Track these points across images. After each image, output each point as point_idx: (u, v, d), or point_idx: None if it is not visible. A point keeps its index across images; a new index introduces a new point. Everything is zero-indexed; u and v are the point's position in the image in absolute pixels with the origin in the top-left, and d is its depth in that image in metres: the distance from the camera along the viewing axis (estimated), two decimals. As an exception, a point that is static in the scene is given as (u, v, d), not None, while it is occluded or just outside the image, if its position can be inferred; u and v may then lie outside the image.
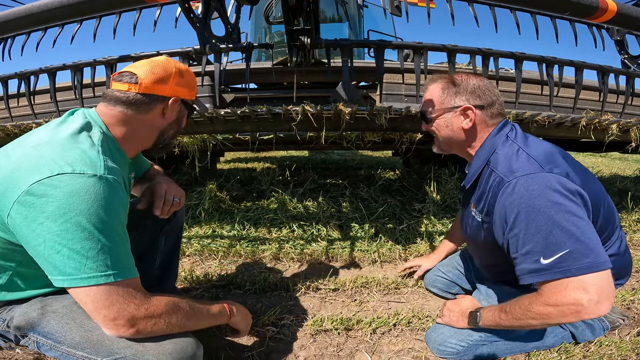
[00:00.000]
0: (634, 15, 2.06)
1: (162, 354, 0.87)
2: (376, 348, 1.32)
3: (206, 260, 2.08)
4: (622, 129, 2.08)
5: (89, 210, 0.79)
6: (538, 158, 1.04)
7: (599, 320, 1.30)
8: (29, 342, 0.95)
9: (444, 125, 1.21)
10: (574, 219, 0.94)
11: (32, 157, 0.84)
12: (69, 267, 0.78)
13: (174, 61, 1.08)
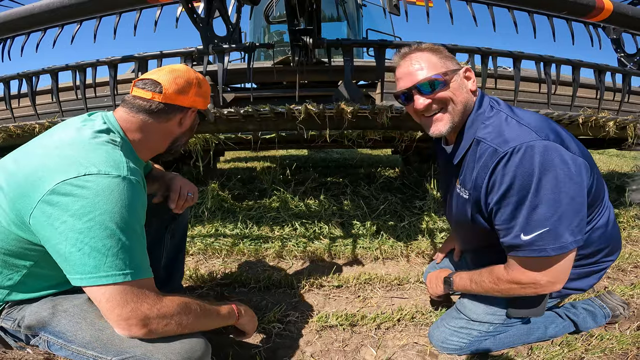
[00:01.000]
0: (630, 14, 2.09)
1: (171, 353, 0.88)
2: (381, 343, 1.35)
3: (210, 258, 2.10)
4: (619, 126, 2.11)
5: (113, 209, 0.81)
6: (530, 125, 0.99)
7: (600, 308, 1.33)
8: (39, 341, 0.96)
9: (459, 88, 1.09)
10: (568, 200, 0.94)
11: (55, 158, 0.86)
12: (88, 266, 0.80)
13: (194, 71, 1.11)
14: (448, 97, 1.09)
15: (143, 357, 0.88)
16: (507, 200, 0.99)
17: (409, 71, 1.11)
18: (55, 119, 2.11)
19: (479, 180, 1.05)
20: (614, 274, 1.94)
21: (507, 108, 1.09)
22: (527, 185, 0.94)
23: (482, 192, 1.04)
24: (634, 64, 2.72)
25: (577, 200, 0.96)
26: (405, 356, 1.28)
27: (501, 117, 1.05)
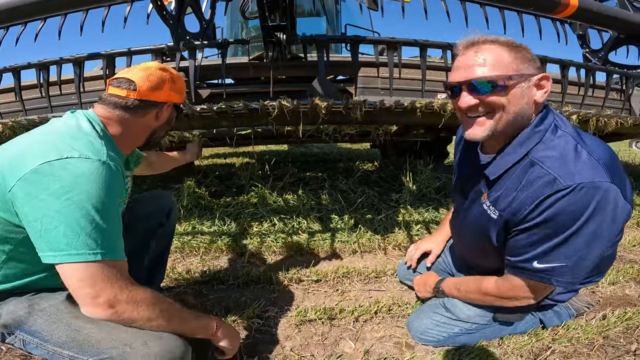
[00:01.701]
0: (595, 10, 2.19)
1: (149, 355, 0.86)
2: (359, 335, 1.38)
3: (187, 257, 2.08)
4: (582, 119, 2.21)
5: (90, 191, 0.83)
6: (601, 161, 0.89)
7: (565, 308, 1.39)
8: (15, 339, 0.96)
9: (519, 96, 0.94)
10: (601, 245, 0.92)
11: (40, 143, 0.89)
12: (61, 243, 0.80)
13: (168, 67, 1.13)
14: (501, 103, 0.95)
15: (120, 357, 0.86)
16: (537, 230, 0.94)
17: (468, 63, 0.97)
18: (18, 118, 2.02)
19: (521, 206, 0.96)
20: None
21: (575, 132, 0.97)
22: (571, 224, 0.89)
23: (519, 217, 0.97)
24: (599, 59, 2.85)
25: (606, 247, 0.94)
26: (383, 348, 1.32)
27: (569, 142, 0.93)
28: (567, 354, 1.25)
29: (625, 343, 1.31)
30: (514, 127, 0.99)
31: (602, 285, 1.73)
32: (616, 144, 7.66)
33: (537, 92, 0.97)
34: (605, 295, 1.68)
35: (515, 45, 0.96)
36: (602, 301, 1.62)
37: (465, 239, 1.31)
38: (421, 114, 1.95)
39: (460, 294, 1.28)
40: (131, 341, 0.88)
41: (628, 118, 2.47)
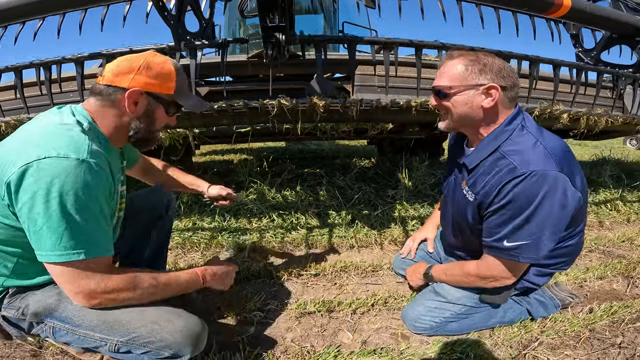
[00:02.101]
0: (588, 10, 2.24)
1: (175, 331, 0.97)
2: (357, 327, 1.44)
3: (189, 252, 2.12)
4: (572, 118, 2.27)
5: (69, 191, 0.85)
6: (554, 154, 1.08)
7: (550, 299, 1.48)
8: (44, 328, 1.01)
9: (462, 102, 1.17)
10: (553, 225, 1.10)
11: (22, 144, 0.90)
12: (46, 244, 0.85)
13: (149, 55, 1.06)
14: (446, 107, 1.21)
15: (149, 335, 0.95)
16: (504, 211, 1.12)
17: (437, 72, 1.23)
18: (20, 116, 2.04)
19: (490, 189, 1.14)
20: (569, 257, 2.11)
21: (537, 131, 1.17)
22: (527, 204, 1.07)
23: (489, 199, 1.15)
24: (591, 58, 2.91)
25: (559, 227, 1.12)
26: (380, 338, 1.38)
27: (531, 140, 1.13)
28: (554, 345, 1.31)
29: (610, 336, 1.37)
30: (468, 125, 1.23)
31: (590, 279, 1.80)
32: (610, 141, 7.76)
33: (485, 99, 1.15)
34: (593, 289, 1.74)
35: (470, 58, 1.16)
36: (589, 295, 1.69)
37: (450, 221, 1.46)
38: (416, 112, 2.00)
39: (448, 278, 1.40)
40: (157, 319, 0.97)
41: (618, 117, 2.53)
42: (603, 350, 1.29)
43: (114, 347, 0.99)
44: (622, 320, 1.45)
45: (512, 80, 1.16)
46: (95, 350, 1.06)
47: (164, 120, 1.15)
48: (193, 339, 1.01)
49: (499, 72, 1.13)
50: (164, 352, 0.98)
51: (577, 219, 1.23)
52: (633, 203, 3.12)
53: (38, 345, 1.24)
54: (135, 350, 0.99)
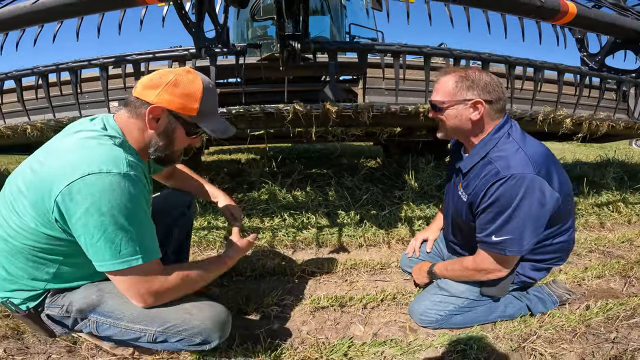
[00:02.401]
0: (593, 17, 2.31)
1: (205, 318, 1.09)
2: (367, 320, 1.54)
3: (205, 250, 2.23)
4: (575, 122, 2.34)
5: (118, 204, 0.92)
6: (533, 160, 1.22)
7: (548, 295, 1.58)
8: (88, 323, 1.11)
9: (453, 115, 1.32)
10: (533, 221, 1.23)
11: (63, 162, 0.95)
12: (106, 255, 0.94)
13: (181, 72, 1.07)
14: (440, 119, 1.37)
15: (183, 324, 1.07)
16: (490, 209, 1.26)
17: (434, 87, 1.38)
18: (46, 120, 2.14)
19: (479, 190, 1.29)
20: (569, 258, 2.18)
21: (520, 138, 1.30)
22: (509, 203, 1.21)
23: (478, 199, 1.30)
24: (595, 63, 2.97)
25: (539, 224, 1.25)
26: (389, 331, 1.48)
27: (514, 147, 1.26)
28: (552, 339, 1.41)
29: (605, 332, 1.46)
30: (461, 134, 1.39)
31: (588, 278, 1.89)
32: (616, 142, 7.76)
33: (472, 112, 1.29)
34: (591, 287, 1.83)
35: (461, 75, 1.30)
36: (587, 293, 1.78)
37: (450, 221, 1.62)
38: (424, 117, 2.08)
39: (449, 273, 1.52)
40: (189, 309, 1.09)
41: (620, 121, 2.60)
42: (597, 345, 1.38)
43: (152, 337, 1.09)
44: (617, 316, 1.54)
45: (497, 95, 1.28)
46: (133, 344, 1.17)
47: (184, 141, 1.15)
48: (220, 325, 1.13)
49: (485, 87, 1.27)
50: (195, 339, 1.10)
51: (562, 217, 1.35)
52: (635, 205, 3.18)
53: (72, 341, 1.33)
54: (170, 339, 1.10)
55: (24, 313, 1.10)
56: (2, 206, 1.03)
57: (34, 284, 1.06)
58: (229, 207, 1.62)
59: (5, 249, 1.02)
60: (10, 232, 0.99)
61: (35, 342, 1.35)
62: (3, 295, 1.09)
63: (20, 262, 1.03)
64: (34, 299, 1.09)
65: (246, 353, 1.29)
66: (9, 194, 1.01)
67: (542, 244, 1.39)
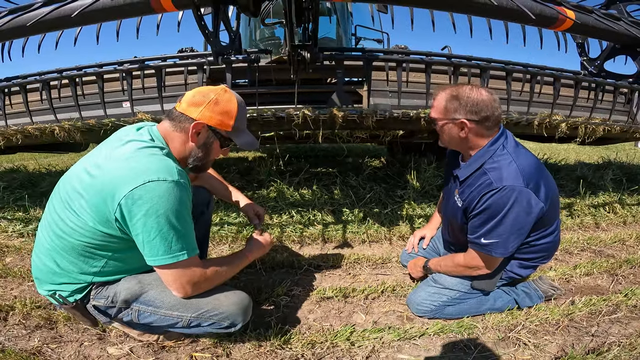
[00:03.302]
0: (591, 24, 2.40)
1: (231, 304, 1.24)
2: (369, 310, 1.69)
3: (218, 245, 2.39)
4: (571, 127, 2.46)
5: (172, 207, 1.07)
6: (524, 172, 1.34)
7: (534, 291, 1.71)
8: (130, 312, 1.25)
9: (446, 131, 1.46)
10: (518, 228, 1.37)
11: (124, 169, 1.09)
12: (160, 250, 1.09)
13: (220, 91, 1.21)
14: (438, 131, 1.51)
15: (214, 309, 1.22)
16: (482, 215, 1.40)
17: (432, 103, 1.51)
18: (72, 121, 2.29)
19: (473, 198, 1.42)
20: (561, 256, 2.31)
21: (514, 150, 1.41)
22: (498, 211, 1.35)
23: (471, 206, 1.43)
24: (595, 67, 3.07)
25: (524, 230, 1.39)
26: (388, 319, 1.62)
27: (507, 159, 1.38)
28: (536, 331, 1.53)
29: (587, 325, 1.57)
30: (456, 146, 1.51)
31: (577, 275, 2.01)
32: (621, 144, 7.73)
33: (459, 131, 1.42)
34: (579, 284, 1.96)
35: (453, 96, 1.40)
36: (574, 289, 1.90)
37: (446, 222, 1.76)
38: (425, 122, 2.21)
39: (442, 269, 1.66)
40: (218, 296, 1.24)
41: (615, 125, 2.70)
42: (578, 337, 1.50)
43: (187, 322, 1.24)
44: (600, 311, 1.66)
45: (485, 114, 1.37)
46: (166, 330, 1.31)
47: (218, 152, 1.32)
48: (244, 310, 1.28)
49: (473, 108, 1.37)
50: (224, 322, 1.25)
51: (546, 222, 1.48)
52: (632, 206, 3.26)
53: (102, 330, 1.47)
54: (203, 324, 1.25)
55: (71, 305, 1.24)
56: (57, 205, 1.18)
57: (82, 277, 1.20)
58: (253, 207, 1.74)
59: (60, 245, 1.16)
60: (66, 230, 1.14)
61: (68, 331, 1.48)
62: (51, 288, 1.23)
63: (72, 257, 1.17)
64: (80, 292, 1.23)
65: (259, 337, 1.43)
66: (64, 194, 1.16)
67: (528, 244, 1.52)
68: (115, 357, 1.33)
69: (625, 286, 1.94)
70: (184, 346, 1.39)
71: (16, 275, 1.94)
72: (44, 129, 2.30)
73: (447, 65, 2.19)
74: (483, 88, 1.41)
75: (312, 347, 1.40)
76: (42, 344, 1.40)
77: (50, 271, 1.20)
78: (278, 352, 1.38)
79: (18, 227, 2.60)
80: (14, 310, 1.59)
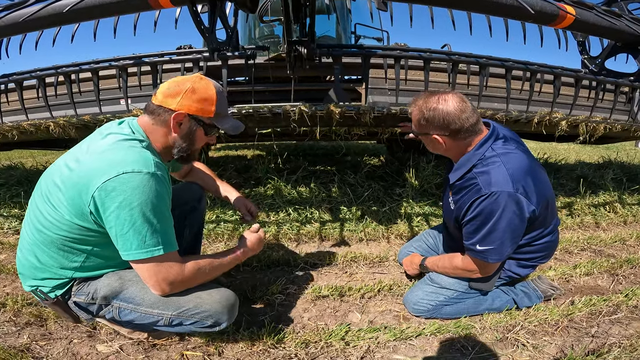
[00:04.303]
0: (591, 22, 2.38)
1: (214, 302, 1.20)
2: (365, 309, 1.66)
3: (214, 242, 2.36)
4: (571, 124, 2.43)
5: (147, 200, 1.05)
6: (513, 176, 1.31)
7: (533, 290, 1.69)
8: (111, 309, 1.22)
9: (427, 141, 1.48)
10: (512, 233, 1.34)
11: (100, 162, 1.07)
12: (133, 245, 1.06)
13: (195, 79, 1.19)
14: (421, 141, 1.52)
15: (195, 307, 1.18)
16: (473, 222, 1.38)
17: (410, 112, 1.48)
18: (68, 117, 2.27)
19: (463, 204, 1.41)
20: (560, 255, 2.28)
21: (503, 152, 1.38)
22: (490, 217, 1.32)
23: (462, 212, 1.42)
24: (595, 65, 3.03)
25: (517, 234, 1.37)
26: (384, 319, 1.60)
27: (496, 162, 1.35)
28: (535, 331, 1.50)
29: (586, 326, 1.55)
30: (446, 154, 1.50)
31: (577, 275, 1.98)
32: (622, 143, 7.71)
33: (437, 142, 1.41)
34: (579, 284, 1.93)
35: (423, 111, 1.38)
36: (574, 289, 1.87)
37: (444, 223, 1.77)
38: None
39: (439, 269, 1.63)
40: (200, 294, 1.20)
41: (616, 123, 2.67)
42: (577, 338, 1.47)
43: (169, 321, 1.21)
44: (600, 312, 1.63)
45: (455, 127, 1.35)
46: (152, 327, 1.27)
47: (203, 140, 1.30)
48: (228, 308, 1.24)
49: (439, 123, 1.36)
50: (206, 321, 1.21)
51: (542, 223, 1.47)
52: (632, 206, 3.24)
53: (92, 327, 1.45)
54: (185, 322, 1.22)
55: (52, 301, 1.21)
56: (38, 199, 1.16)
57: (63, 273, 1.18)
58: (245, 202, 1.71)
59: (40, 239, 1.15)
60: (45, 224, 1.12)
61: (57, 328, 1.46)
62: (33, 283, 1.21)
63: (52, 251, 1.15)
64: (62, 287, 1.21)
65: (252, 336, 1.41)
66: (45, 188, 1.14)
67: (526, 245, 1.51)
68: (104, 354, 1.31)
69: (625, 286, 1.91)
70: (175, 344, 1.37)
71: (9, 272, 1.92)
72: (39, 124, 2.28)
73: (446, 62, 2.16)
74: (453, 97, 1.35)
75: (306, 347, 1.38)
76: (31, 341, 1.38)
77: (32, 266, 1.18)
78: (271, 351, 1.35)
79: (14, 224, 2.60)
80: (5, 307, 1.57)
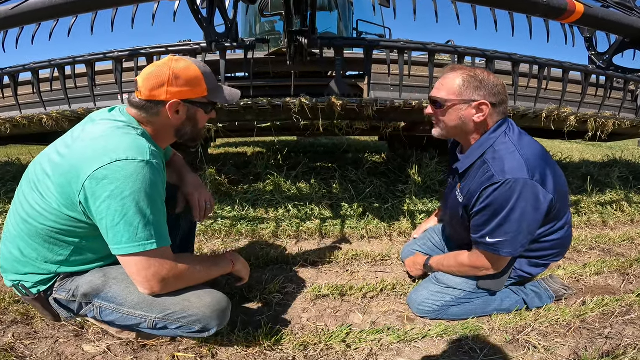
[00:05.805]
0: (600, 16, 2.30)
1: (203, 306, 1.11)
2: (367, 309, 1.59)
3: (210, 239, 2.29)
4: (580, 120, 2.35)
5: (140, 190, 0.98)
6: (528, 162, 1.21)
7: (545, 290, 1.61)
8: (92, 308, 1.14)
9: (455, 114, 1.30)
10: (527, 225, 1.25)
11: (92, 148, 1.01)
12: (124, 238, 0.99)
13: (170, 64, 1.10)
14: (439, 117, 1.35)
15: (182, 311, 1.10)
16: (485, 212, 1.28)
17: (437, 83, 1.35)
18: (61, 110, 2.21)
19: (473, 192, 1.30)
20: (569, 255, 2.21)
21: (517, 138, 1.29)
22: (503, 207, 1.22)
23: (472, 202, 1.32)
24: (603, 62, 2.96)
25: (532, 226, 1.27)
26: (387, 320, 1.52)
27: (510, 148, 1.25)
28: (546, 333, 1.44)
29: (599, 327, 1.48)
30: (459, 134, 1.37)
31: (587, 275, 1.91)
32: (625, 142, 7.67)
33: (476, 114, 1.28)
34: (589, 284, 1.86)
35: (470, 74, 1.27)
36: (584, 289, 1.80)
37: (448, 219, 1.66)
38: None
39: (445, 268, 1.55)
40: (189, 297, 1.12)
41: (625, 119, 2.60)
42: (591, 340, 1.41)
43: (152, 324, 1.12)
44: (613, 312, 1.57)
45: (502, 97, 1.28)
46: (135, 329, 1.19)
47: (205, 118, 1.26)
48: (219, 313, 1.15)
49: (492, 89, 1.26)
50: (194, 326, 1.13)
51: (555, 216, 1.37)
52: (639, 204, 3.18)
53: (80, 326, 1.38)
54: (170, 326, 1.13)
55: (33, 296, 1.14)
56: (25, 187, 1.09)
57: (47, 267, 1.11)
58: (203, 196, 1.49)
59: (25, 230, 1.08)
60: (31, 213, 1.05)
61: (44, 327, 1.40)
62: (15, 278, 1.14)
63: (36, 243, 1.08)
64: (45, 283, 1.13)
65: (247, 337, 1.34)
66: (33, 175, 1.08)
67: (537, 241, 1.42)
68: (91, 355, 1.24)
69: (637, 286, 1.85)
70: (166, 345, 1.30)
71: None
72: (32, 117, 2.22)
73: (451, 54, 2.09)
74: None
75: (304, 349, 1.31)
76: (15, 340, 1.31)
77: (15, 259, 1.11)
78: (268, 353, 1.28)
79: (7, 220, 2.52)
80: (-9, 306, 1.50)
